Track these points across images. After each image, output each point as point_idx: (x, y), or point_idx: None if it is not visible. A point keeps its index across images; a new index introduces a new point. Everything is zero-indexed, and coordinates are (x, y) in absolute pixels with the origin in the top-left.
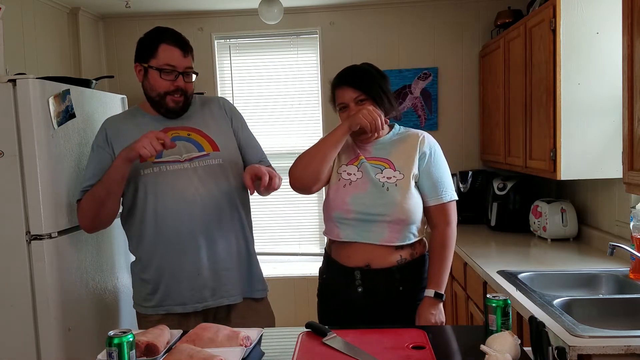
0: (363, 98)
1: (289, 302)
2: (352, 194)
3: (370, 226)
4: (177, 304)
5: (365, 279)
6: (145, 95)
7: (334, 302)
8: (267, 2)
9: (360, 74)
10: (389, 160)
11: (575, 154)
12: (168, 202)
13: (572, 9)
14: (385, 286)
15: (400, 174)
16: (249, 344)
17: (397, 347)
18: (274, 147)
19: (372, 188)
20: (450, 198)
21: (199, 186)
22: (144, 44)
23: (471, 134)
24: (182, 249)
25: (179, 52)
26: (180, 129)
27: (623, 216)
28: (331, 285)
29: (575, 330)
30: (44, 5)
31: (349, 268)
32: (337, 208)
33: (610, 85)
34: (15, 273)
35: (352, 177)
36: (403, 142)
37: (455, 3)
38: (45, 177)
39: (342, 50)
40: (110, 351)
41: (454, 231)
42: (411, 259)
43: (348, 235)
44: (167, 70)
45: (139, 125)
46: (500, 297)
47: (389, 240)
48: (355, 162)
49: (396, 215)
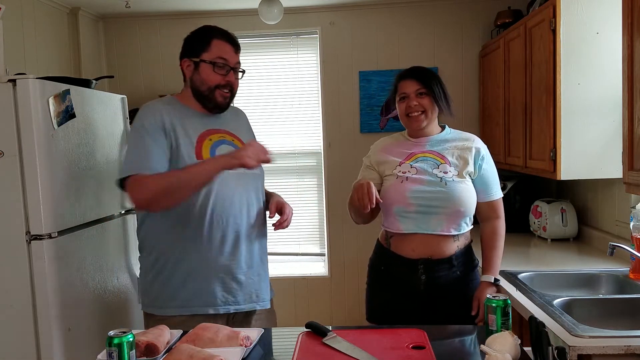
0: (423, 91)
1: (289, 302)
2: (412, 188)
3: (430, 218)
4: (207, 305)
5: (427, 269)
6: (193, 90)
7: (393, 292)
8: (267, 2)
9: (425, 71)
10: (444, 156)
11: (575, 154)
12: (217, 204)
13: (572, 9)
14: (446, 273)
15: (456, 170)
16: (249, 344)
17: (397, 347)
18: (274, 147)
19: (430, 182)
20: (500, 195)
21: (244, 192)
22: (195, 39)
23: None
24: (222, 250)
25: (230, 47)
26: (225, 133)
27: (623, 216)
28: (391, 276)
29: (575, 330)
30: (44, 5)
31: (412, 260)
32: (398, 202)
33: (610, 85)
34: (15, 273)
35: (407, 173)
36: (457, 141)
37: (455, 3)
38: (45, 177)
39: (342, 50)
40: (110, 351)
41: (504, 224)
42: (464, 247)
43: (409, 228)
44: (219, 64)
45: (187, 118)
46: (500, 297)
47: (447, 230)
48: (408, 159)
49: (455, 207)
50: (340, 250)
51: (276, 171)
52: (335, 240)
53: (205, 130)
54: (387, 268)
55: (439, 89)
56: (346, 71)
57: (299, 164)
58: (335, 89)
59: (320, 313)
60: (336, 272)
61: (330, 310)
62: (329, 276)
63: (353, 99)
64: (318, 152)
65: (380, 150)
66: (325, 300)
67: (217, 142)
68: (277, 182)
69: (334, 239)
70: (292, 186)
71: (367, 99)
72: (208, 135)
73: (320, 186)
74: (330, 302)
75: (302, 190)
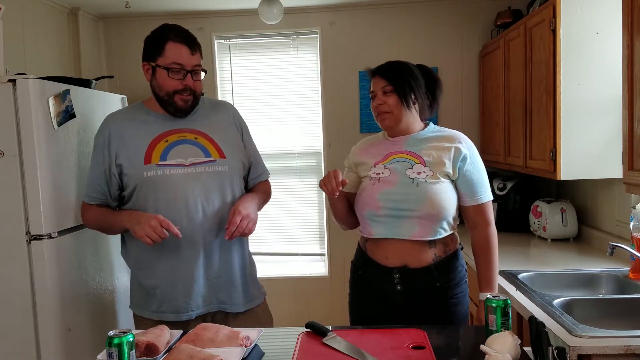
0: (389, 89)
1: (289, 302)
2: (382, 190)
3: (400, 222)
4: (171, 312)
5: (404, 278)
6: (154, 94)
7: (371, 297)
8: (267, 2)
9: (393, 67)
10: (420, 155)
11: (575, 154)
12: (169, 208)
13: (572, 9)
14: (423, 284)
15: (430, 171)
16: (249, 344)
17: (397, 347)
18: (274, 147)
19: (401, 183)
20: (488, 198)
21: (201, 193)
22: (151, 42)
23: (471, 134)
24: (179, 256)
25: (186, 49)
26: (187, 132)
27: (623, 216)
28: (368, 281)
29: (575, 330)
30: (44, 5)
31: (387, 268)
32: (368, 206)
33: (610, 85)
34: (15, 273)
35: (380, 175)
36: (437, 140)
37: (455, 3)
38: (45, 177)
39: (342, 50)
40: (110, 351)
41: (495, 230)
42: (445, 256)
43: (379, 232)
44: (175, 69)
45: (145, 123)
46: (500, 297)
47: (419, 235)
48: (384, 160)
49: (426, 210)
50: (340, 250)
51: (276, 171)
52: (335, 240)
53: (163, 132)
54: (365, 273)
55: (409, 86)
56: (346, 71)
57: (299, 164)
58: (335, 89)
59: (320, 313)
60: (336, 272)
61: (330, 310)
62: (329, 276)
63: (353, 99)
64: (318, 152)
65: (359, 151)
66: (325, 300)
67: (173, 143)
68: (277, 182)
69: (333, 239)
70: (292, 186)
71: (367, 99)
72: (165, 136)
73: None
74: (330, 302)
75: (302, 190)
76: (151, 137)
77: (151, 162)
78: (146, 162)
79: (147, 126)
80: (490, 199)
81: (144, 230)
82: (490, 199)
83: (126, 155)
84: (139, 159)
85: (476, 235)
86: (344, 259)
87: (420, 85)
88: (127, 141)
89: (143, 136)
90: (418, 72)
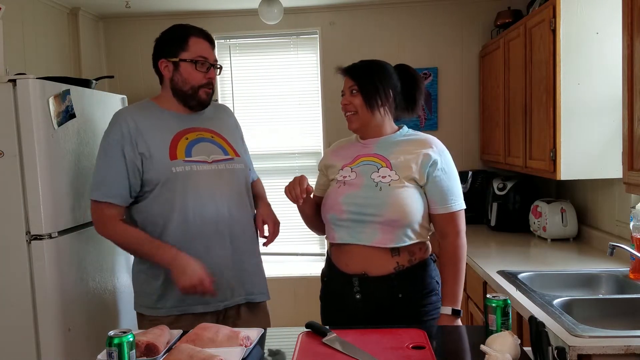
0: (355, 89)
1: (289, 302)
2: (345, 193)
3: (363, 227)
4: (198, 303)
5: (363, 286)
6: (174, 90)
7: (335, 306)
8: (267, 2)
9: (361, 67)
10: (387, 159)
11: (575, 154)
12: (198, 203)
13: (572, 9)
14: (383, 294)
15: (396, 175)
16: (249, 344)
17: (397, 347)
18: (274, 147)
19: (365, 187)
20: (460, 207)
21: (225, 188)
22: (170, 40)
23: (471, 134)
24: (206, 248)
25: (207, 44)
26: (203, 130)
27: (623, 216)
28: (332, 289)
29: (575, 330)
30: (44, 5)
31: (347, 275)
32: (331, 209)
33: (610, 85)
34: (15, 273)
35: (346, 178)
36: (407, 144)
37: (455, 3)
38: (45, 177)
39: (342, 50)
40: (110, 351)
41: (464, 241)
42: (409, 265)
43: (342, 237)
44: (201, 62)
45: (161, 120)
46: (500, 297)
47: (382, 242)
48: (352, 163)
49: (388, 215)
50: None
51: (276, 171)
52: None
53: (182, 130)
54: (329, 280)
55: (374, 87)
56: None
57: (299, 164)
58: (335, 89)
59: (320, 313)
60: None
61: None
62: None
63: None
64: (318, 152)
65: (330, 153)
66: None
67: (194, 141)
68: (277, 182)
69: None
70: None
71: None
72: (184, 134)
73: None
74: None
75: None
76: (172, 134)
77: (177, 158)
78: (172, 158)
79: (164, 123)
80: (461, 207)
81: (189, 282)
82: (461, 207)
83: (149, 150)
84: (164, 154)
85: (444, 246)
86: None
87: (392, 86)
88: (148, 136)
89: (163, 133)
90: (393, 72)
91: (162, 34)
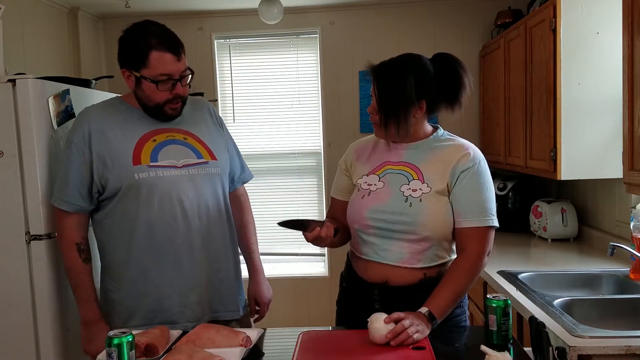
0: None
1: (289, 302)
2: (371, 206)
3: (389, 244)
4: (165, 323)
5: (383, 295)
6: (139, 102)
7: (352, 313)
8: (267, 2)
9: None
10: (419, 169)
11: (575, 154)
12: (163, 212)
13: (572, 9)
14: (405, 305)
15: (427, 187)
16: (249, 344)
17: (397, 347)
18: (274, 147)
19: (393, 201)
20: (490, 224)
21: (196, 195)
22: (131, 49)
23: (471, 134)
24: (175, 264)
25: (171, 57)
26: (174, 131)
27: (623, 216)
28: (350, 295)
29: (575, 330)
30: (43, 5)
31: (367, 282)
32: (357, 222)
33: (610, 85)
34: (15, 273)
35: (372, 187)
36: (441, 151)
37: (455, 3)
38: (45, 177)
39: (342, 50)
40: (110, 351)
41: (481, 261)
42: (437, 276)
43: (367, 254)
44: (163, 81)
45: (128, 121)
46: (500, 297)
47: (408, 262)
48: (378, 170)
49: (420, 233)
50: (340, 250)
51: (276, 171)
52: None
53: (150, 131)
54: (348, 286)
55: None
56: (346, 71)
57: (299, 164)
58: (335, 89)
59: (320, 313)
60: (336, 272)
61: (331, 311)
62: (329, 276)
63: (353, 99)
64: (318, 152)
65: (355, 151)
66: (325, 300)
67: (162, 143)
68: (277, 182)
69: None
70: (292, 186)
71: (367, 99)
72: (152, 136)
73: (320, 186)
74: (331, 302)
75: (302, 190)
76: (137, 136)
77: (141, 163)
78: (135, 163)
79: (131, 124)
80: (491, 225)
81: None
82: (491, 225)
83: (110, 154)
84: (126, 159)
85: (463, 258)
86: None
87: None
88: (111, 139)
89: (128, 134)
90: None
91: (122, 41)
